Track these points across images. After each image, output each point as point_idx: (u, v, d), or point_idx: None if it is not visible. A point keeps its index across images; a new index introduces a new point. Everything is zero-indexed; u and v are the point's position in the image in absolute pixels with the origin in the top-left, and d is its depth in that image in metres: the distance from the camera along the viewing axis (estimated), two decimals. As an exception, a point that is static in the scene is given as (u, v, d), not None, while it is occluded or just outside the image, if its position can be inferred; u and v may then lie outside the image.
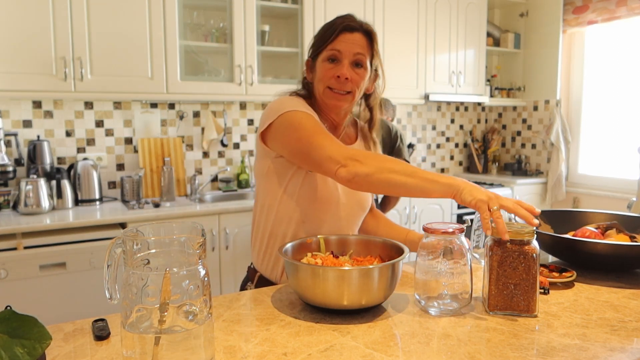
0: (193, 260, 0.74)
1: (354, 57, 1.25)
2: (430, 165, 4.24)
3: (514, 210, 0.99)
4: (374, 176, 1.09)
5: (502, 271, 1.00)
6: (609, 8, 3.60)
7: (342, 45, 1.24)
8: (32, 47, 2.41)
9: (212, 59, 3.07)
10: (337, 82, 1.25)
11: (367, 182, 1.10)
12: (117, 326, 0.96)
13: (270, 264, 1.35)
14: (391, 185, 1.09)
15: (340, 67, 1.24)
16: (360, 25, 1.27)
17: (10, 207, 2.57)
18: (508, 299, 1.00)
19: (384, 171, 1.09)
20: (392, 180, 1.08)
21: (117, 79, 2.61)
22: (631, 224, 1.46)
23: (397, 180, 1.08)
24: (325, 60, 1.26)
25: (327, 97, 1.27)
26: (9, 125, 2.69)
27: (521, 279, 0.99)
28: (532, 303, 1.00)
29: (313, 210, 1.29)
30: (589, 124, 3.95)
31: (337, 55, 1.25)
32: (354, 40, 1.25)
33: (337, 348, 0.88)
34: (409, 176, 1.08)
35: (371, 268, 1.00)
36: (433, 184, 1.06)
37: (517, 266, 0.99)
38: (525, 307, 1.00)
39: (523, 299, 1.00)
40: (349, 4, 3.23)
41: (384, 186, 1.11)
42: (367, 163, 1.10)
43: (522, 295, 0.99)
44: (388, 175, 1.09)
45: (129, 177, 2.83)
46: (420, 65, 3.61)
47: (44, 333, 0.68)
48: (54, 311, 2.22)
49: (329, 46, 1.25)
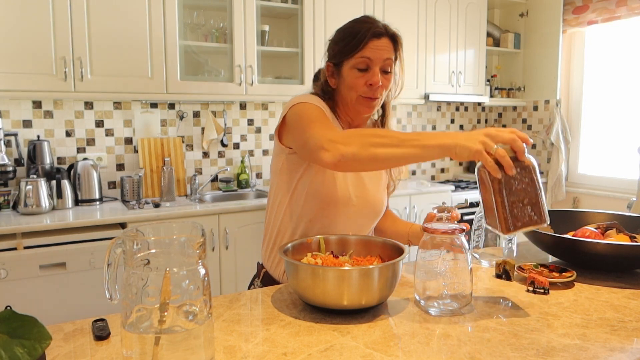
0: (193, 260, 0.74)
1: (383, 63, 1.24)
2: (430, 165, 4.24)
3: (511, 142, 0.96)
4: (359, 154, 1.04)
5: (509, 191, 0.97)
6: (609, 8, 3.60)
7: (372, 52, 1.22)
8: (32, 47, 2.41)
9: (212, 59, 3.07)
10: (370, 90, 1.25)
11: (354, 161, 1.05)
12: (117, 326, 0.96)
13: (275, 261, 1.36)
14: (379, 160, 1.04)
15: (372, 74, 1.24)
16: (385, 29, 1.25)
17: (10, 207, 2.57)
18: (522, 216, 0.97)
19: (369, 146, 1.03)
20: (380, 154, 1.03)
21: (117, 79, 2.61)
22: (631, 224, 1.46)
23: (385, 153, 1.03)
24: (354, 68, 1.25)
25: (362, 105, 1.27)
26: (9, 125, 2.69)
27: (527, 193, 0.97)
28: (544, 212, 0.98)
29: (323, 210, 1.28)
30: (589, 124, 3.95)
31: (367, 63, 1.23)
32: (382, 47, 1.23)
33: (337, 348, 0.88)
34: (397, 146, 1.02)
35: (371, 268, 1.00)
36: (424, 149, 1.00)
37: (521, 182, 0.97)
38: (539, 217, 0.98)
39: (535, 211, 0.98)
40: (349, 4, 3.23)
41: (372, 162, 1.06)
42: (349, 142, 1.05)
43: (533, 207, 0.97)
44: (374, 151, 1.03)
45: (129, 177, 2.83)
46: (420, 65, 3.61)
47: (44, 333, 0.68)
48: (54, 311, 2.22)
49: (357, 54, 1.23)
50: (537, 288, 1.17)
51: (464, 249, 1.04)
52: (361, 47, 1.22)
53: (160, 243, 0.74)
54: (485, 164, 0.95)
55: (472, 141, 0.96)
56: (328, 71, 1.32)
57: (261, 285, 1.38)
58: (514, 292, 1.18)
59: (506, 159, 0.95)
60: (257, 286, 1.40)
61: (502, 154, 0.95)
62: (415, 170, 4.17)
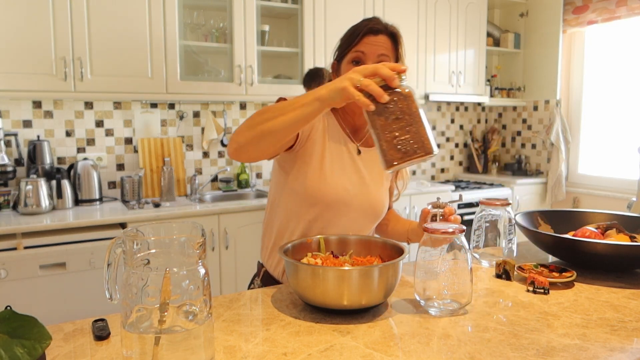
0: (193, 260, 0.74)
1: (377, 58, 1.24)
2: (430, 165, 4.24)
3: (376, 70, 0.93)
4: (249, 136, 1.04)
5: (385, 123, 0.93)
6: (609, 8, 3.60)
7: (366, 47, 1.23)
8: (32, 47, 2.41)
9: (212, 59, 3.07)
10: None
11: (248, 145, 1.05)
12: (117, 326, 0.96)
13: (275, 260, 1.36)
14: (267, 133, 1.03)
15: None
16: (385, 27, 1.26)
17: (10, 207, 2.57)
18: (404, 149, 0.92)
19: (256, 126, 1.04)
20: (266, 128, 1.02)
21: (117, 79, 2.61)
22: (631, 224, 1.46)
23: (271, 125, 1.02)
24: (349, 62, 1.26)
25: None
26: (9, 125, 2.69)
27: (407, 122, 0.92)
28: (427, 141, 0.92)
29: (320, 209, 1.28)
30: (589, 124, 3.95)
31: (360, 57, 1.24)
32: (378, 42, 1.24)
33: (337, 348, 0.88)
34: (280, 115, 1.01)
35: (371, 268, 1.00)
36: (304, 107, 0.99)
37: (400, 111, 0.92)
38: (421, 148, 0.92)
39: (417, 142, 0.92)
40: (349, 4, 3.23)
41: (263, 139, 1.04)
42: (240, 130, 1.06)
43: (415, 138, 0.92)
44: (261, 127, 1.03)
45: (129, 177, 2.83)
46: (420, 65, 3.61)
47: (44, 333, 0.68)
48: (54, 311, 2.22)
49: (353, 49, 1.25)
50: (537, 288, 1.17)
51: (464, 249, 1.04)
52: (356, 42, 1.24)
53: (160, 243, 0.74)
54: (354, 98, 0.92)
55: (340, 81, 0.95)
56: (332, 69, 1.34)
57: (261, 285, 1.38)
58: (514, 292, 1.18)
59: (372, 87, 0.91)
60: (257, 285, 1.40)
61: (367, 83, 0.91)
62: (415, 171, 4.17)
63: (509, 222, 1.37)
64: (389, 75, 0.92)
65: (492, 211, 1.38)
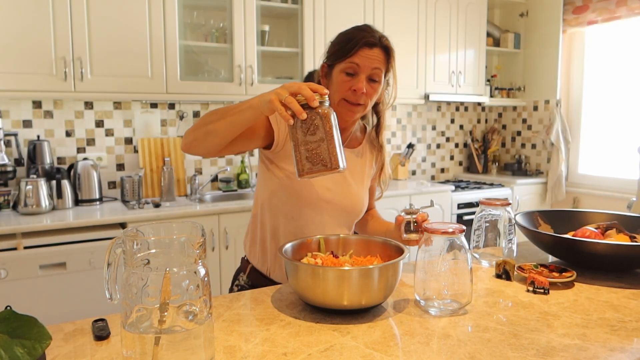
0: (193, 260, 0.74)
1: (371, 71, 1.28)
2: (430, 165, 4.24)
3: (299, 89, 1.01)
4: (195, 135, 1.16)
5: (302, 137, 1.03)
6: (609, 8, 3.60)
7: (361, 60, 1.27)
8: (32, 47, 2.41)
9: (212, 59, 3.07)
10: (353, 95, 1.28)
11: (195, 141, 1.16)
12: (117, 326, 0.96)
13: (258, 255, 1.39)
14: (209, 134, 1.14)
15: (357, 81, 1.27)
16: (379, 39, 1.29)
17: (10, 207, 2.57)
18: (314, 162, 1.03)
19: (202, 126, 1.14)
20: (210, 129, 1.13)
21: (117, 79, 2.61)
22: (631, 224, 1.46)
23: (212, 128, 1.13)
24: (342, 72, 1.29)
25: (342, 108, 1.30)
26: (9, 125, 2.69)
27: (321, 139, 1.03)
28: (334, 158, 1.03)
29: (302, 207, 1.32)
30: (589, 124, 3.95)
31: (355, 69, 1.27)
32: (373, 56, 1.28)
33: (337, 348, 0.88)
34: (222, 118, 1.12)
35: (371, 268, 1.00)
36: (241, 113, 1.10)
37: (315, 129, 1.02)
38: (331, 163, 1.03)
39: (327, 157, 1.02)
40: (349, 4, 3.23)
41: (207, 137, 1.15)
42: (191, 129, 1.17)
43: (326, 154, 1.02)
44: (206, 128, 1.14)
45: (129, 177, 2.83)
46: (420, 65, 3.61)
47: (44, 333, 0.68)
48: (54, 311, 2.22)
49: (348, 59, 1.28)
50: (537, 288, 1.17)
51: (464, 249, 1.04)
52: (352, 53, 1.27)
53: (160, 243, 0.74)
54: (278, 111, 1.02)
55: (269, 94, 1.04)
56: (322, 71, 1.36)
57: (247, 280, 1.41)
58: (514, 292, 1.18)
59: (293, 105, 1.01)
60: (243, 280, 1.43)
61: (290, 100, 1.01)
62: (415, 171, 4.17)
63: (509, 222, 1.37)
64: (309, 95, 1.01)
65: (492, 211, 1.38)
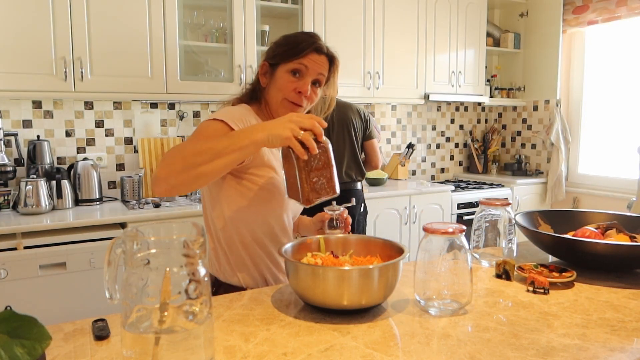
0: (193, 260, 0.74)
1: (316, 76, 1.32)
2: (430, 165, 4.24)
3: (312, 127, 1.06)
4: (182, 178, 1.06)
5: (310, 169, 1.11)
6: (609, 8, 3.60)
7: (310, 62, 1.30)
8: (32, 47, 2.41)
9: (212, 59, 3.07)
10: (297, 96, 1.31)
11: (180, 185, 1.07)
12: (117, 326, 0.96)
13: (227, 268, 1.36)
14: (201, 176, 1.06)
15: (303, 83, 1.31)
16: (327, 48, 1.35)
17: (10, 207, 2.57)
18: (320, 190, 1.13)
19: (189, 168, 1.05)
20: (201, 172, 1.05)
21: (117, 79, 2.61)
22: (631, 224, 1.46)
23: (205, 169, 1.05)
24: (288, 72, 1.31)
25: (284, 108, 1.33)
26: (9, 125, 2.69)
27: (324, 169, 1.12)
28: (335, 184, 1.14)
29: (271, 209, 1.34)
30: (589, 124, 3.95)
31: (302, 71, 1.30)
32: (320, 62, 1.32)
33: (337, 348, 0.88)
34: (217, 158, 1.05)
35: (371, 268, 1.00)
36: (242, 150, 1.05)
37: (320, 160, 1.11)
38: (332, 190, 1.14)
39: (329, 185, 1.13)
40: (349, 4, 3.23)
41: (196, 181, 1.07)
42: (169, 169, 1.07)
43: (328, 182, 1.13)
44: (195, 171, 1.05)
45: (129, 177, 2.83)
46: (420, 65, 3.61)
47: (44, 333, 0.68)
48: (54, 311, 2.22)
49: (297, 60, 1.30)
50: (537, 288, 1.17)
51: (464, 249, 1.04)
52: (301, 55, 1.30)
53: (160, 243, 0.74)
54: (295, 149, 1.04)
55: (281, 129, 1.04)
56: (262, 69, 1.38)
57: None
58: (514, 292, 1.18)
59: (311, 142, 1.05)
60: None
61: (306, 138, 1.05)
62: (415, 170, 4.17)
63: (509, 222, 1.37)
64: (319, 132, 1.07)
65: (492, 211, 1.38)
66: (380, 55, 3.40)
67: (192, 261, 0.74)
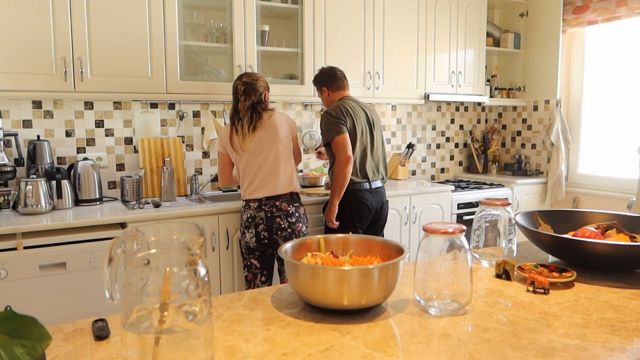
0: (193, 260, 0.74)
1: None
2: (430, 165, 4.24)
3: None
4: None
5: None
6: (609, 8, 3.60)
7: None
8: (32, 47, 2.41)
9: (212, 59, 3.07)
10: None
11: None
12: (117, 326, 0.96)
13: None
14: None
15: None
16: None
17: (10, 207, 2.57)
18: None
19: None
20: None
21: (117, 79, 2.61)
22: (631, 224, 1.46)
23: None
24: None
25: None
26: (9, 125, 2.69)
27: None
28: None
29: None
30: (589, 124, 3.95)
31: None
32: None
33: (337, 348, 0.88)
34: None
35: (371, 268, 1.00)
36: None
37: None
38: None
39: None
40: (349, 4, 3.23)
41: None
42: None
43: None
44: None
45: (129, 177, 2.83)
46: (420, 65, 3.61)
47: (44, 333, 0.68)
48: (54, 311, 2.22)
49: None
50: (537, 288, 1.17)
51: (464, 249, 1.04)
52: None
53: (160, 243, 0.74)
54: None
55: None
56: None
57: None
58: (514, 292, 1.18)
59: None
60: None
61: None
62: (415, 171, 4.17)
63: (509, 222, 1.37)
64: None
65: (492, 211, 1.38)
66: (380, 55, 3.40)
67: (192, 261, 0.74)
